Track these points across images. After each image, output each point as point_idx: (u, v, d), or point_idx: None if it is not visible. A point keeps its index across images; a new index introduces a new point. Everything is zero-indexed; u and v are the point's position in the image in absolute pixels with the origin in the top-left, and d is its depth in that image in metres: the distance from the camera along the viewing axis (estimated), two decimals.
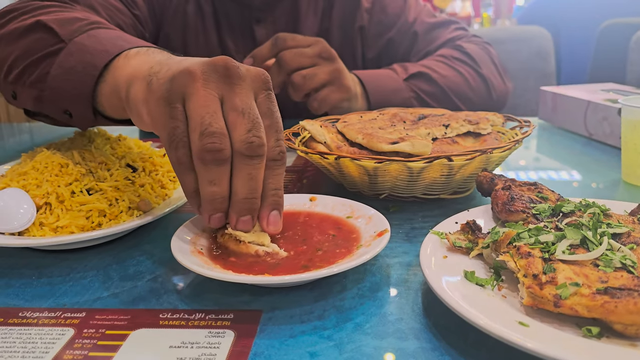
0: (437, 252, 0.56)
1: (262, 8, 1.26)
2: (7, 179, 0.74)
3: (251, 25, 1.27)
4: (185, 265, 0.52)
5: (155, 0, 1.22)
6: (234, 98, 0.53)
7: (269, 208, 0.56)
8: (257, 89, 0.56)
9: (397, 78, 1.15)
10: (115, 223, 0.67)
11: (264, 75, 0.56)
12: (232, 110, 0.53)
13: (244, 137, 0.52)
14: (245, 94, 0.54)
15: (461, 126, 0.81)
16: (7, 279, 0.61)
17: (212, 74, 0.53)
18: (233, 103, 0.53)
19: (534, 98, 1.88)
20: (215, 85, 0.53)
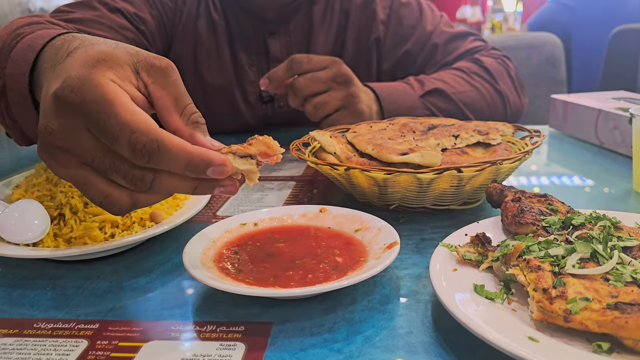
0: (447, 265, 0.56)
1: (276, 21, 1.26)
2: (22, 190, 0.76)
3: (265, 39, 1.27)
4: (197, 278, 0.53)
5: (165, 17, 1.22)
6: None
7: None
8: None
9: (413, 94, 1.13)
10: (127, 234, 0.68)
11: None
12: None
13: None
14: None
15: (471, 136, 0.81)
16: (22, 289, 0.62)
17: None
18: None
19: (544, 105, 1.87)
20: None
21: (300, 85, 0.98)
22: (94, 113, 0.46)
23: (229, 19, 1.26)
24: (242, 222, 0.68)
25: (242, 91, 1.29)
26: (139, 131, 0.46)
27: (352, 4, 1.29)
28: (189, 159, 0.47)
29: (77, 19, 1.05)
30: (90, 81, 0.47)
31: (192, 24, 1.24)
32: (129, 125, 0.46)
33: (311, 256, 0.60)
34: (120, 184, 0.50)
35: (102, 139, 0.47)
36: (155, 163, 0.47)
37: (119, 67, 0.49)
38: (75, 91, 0.47)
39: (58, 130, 0.48)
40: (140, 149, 0.46)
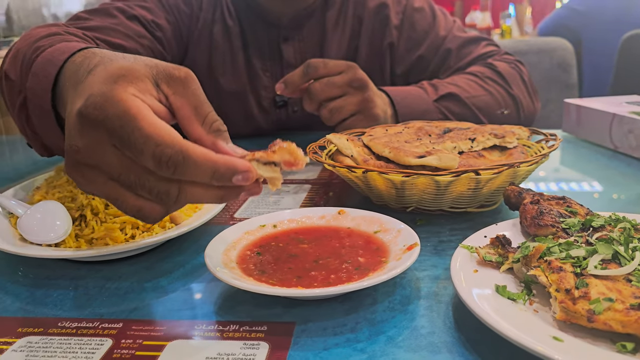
0: (467, 266, 0.56)
1: (289, 27, 1.27)
2: (43, 192, 0.77)
3: (279, 44, 1.28)
4: (221, 278, 0.54)
5: (181, 23, 1.23)
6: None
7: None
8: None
9: (427, 99, 1.14)
10: (148, 235, 0.69)
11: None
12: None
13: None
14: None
15: (487, 140, 0.82)
16: (45, 289, 0.63)
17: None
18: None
19: (556, 109, 1.87)
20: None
21: (316, 90, 0.98)
22: (117, 128, 0.47)
23: (243, 24, 1.27)
24: (261, 223, 0.69)
25: (256, 96, 1.30)
26: (164, 143, 0.46)
27: (365, 9, 1.30)
28: (215, 168, 0.48)
29: (94, 26, 1.06)
30: (112, 97, 0.47)
31: (207, 30, 1.25)
32: (153, 138, 0.46)
33: (334, 257, 0.60)
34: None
35: (127, 154, 0.48)
36: (180, 174, 0.47)
37: (139, 81, 0.50)
38: (98, 108, 0.47)
39: (84, 148, 0.49)
40: (166, 161, 0.46)
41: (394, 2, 1.31)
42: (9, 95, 0.83)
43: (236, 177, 0.48)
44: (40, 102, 0.69)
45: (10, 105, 0.84)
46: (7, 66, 0.84)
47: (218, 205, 0.75)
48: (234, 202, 0.87)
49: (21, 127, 0.82)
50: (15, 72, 0.80)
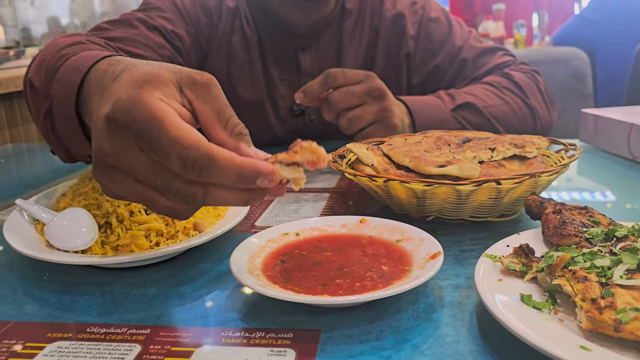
0: (491, 275, 0.57)
1: (307, 36, 1.29)
2: (68, 199, 0.78)
3: (296, 54, 1.29)
4: (248, 285, 0.54)
5: (200, 33, 1.25)
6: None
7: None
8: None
9: (444, 108, 1.14)
10: (172, 242, 0.70)
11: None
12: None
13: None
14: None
15: (507, 149, 0.82)
16: (72, 295, 0.64)
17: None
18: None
19: (571, 119, 1.87)
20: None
21: (335, 99, 0.99)
22: (144, 132, 0.48)
23: (261, 34, 1.29)
24: (284, 231, 0.69)
25: (273, 105, 1.31)
26: (190, 146, 0.47)
27: (382, 20, 1.31)
28: (239, 170, 0.48)
29: (115, 37, 1.08)
30: (139, 101, 0.48)
31: (226, 39, 1.26)
32: (179, 141, 0.47)
33: (358, 265, 0.61)
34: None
35: (154, 157, 0.49)
36: (206, 177, 0.48)
37: (164, 86, 0.51)
38: (125, 112, 0.48)
39: (112, 152, 0.50)
40: (192, 164, 0.47)
41: (411, 12, 1.32)
42: (34, 103, 0.85)
43: (260, 179, 0.49)
44: (64, 109, 0.71)
45: (35, 113, 0.86)
46: (32, 74, 0.86)
47: (240, 214, 0.76)
48: (254, 211, 0.88)
49: (45, 133, 0.83)
50: (40, 79, 0.81)
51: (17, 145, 1.69)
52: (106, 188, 0.53)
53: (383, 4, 1.32)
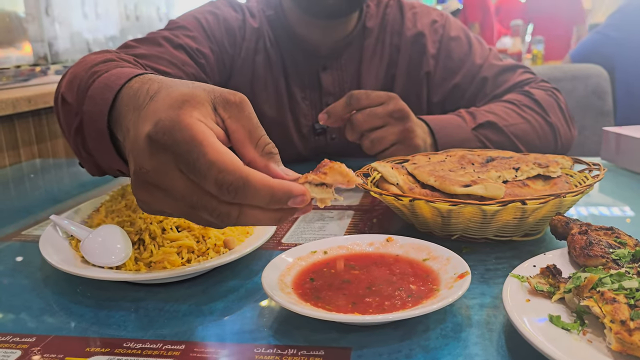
0: (519, 296, 0.58)
1: (328, 56, 1.31)
2: (102, 215, 0.80)
3: (318, 73, 1.32)
4: (281, 304, 0.56)
5: (224, 52, 1.27)
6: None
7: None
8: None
9: (465, 127, 1.15)
10: (203, 259, 0.71)
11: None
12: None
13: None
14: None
15: (531, 169, 0.83)
16: (107, 310, 0.66)
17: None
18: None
19: (591, 136, 1.87)
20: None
21: (359, 121, 1.01)
22: (184, 153, 0.50)
23: (283, 54, 1.31)
24: (312, 249, 0.71)
25: (295, 124, 1.34)
26: (226, 170, 0.49)
27: (402, 38, 1.33)
28: (272, 193, 0.51)
29: (141, 54, 1.11)
30: (179, 122, 0.51)
31: (250, 59, 1.29)
32: (216, 165, 0.49)
33: (387, 283, 0.62)
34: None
35: (192, 177, 0.51)
36: (241, 199, 0.51)
37: (201, 106, 0.53)
38: (167, 133, 0.51)
39: (152, 171, 0.52)
40: (227, 186, 0.49)
41: (431, 31, 1.34)
42: (66, 118, 0.87)
43: (292, 200, 0.51)
44: (96, 125, 0.73)
45: (66, 127, 0.88)
46: (63, 89, 0.88)
47: (269, 231, 0.78)
48: (281, 228, 0.89)
49: (76, 148, 0.86)
50: (72, 95, 0.84)
51: (45, 160, 1.73)
52: (145, 204, 0.55)
53: (403, 23, 1.34)
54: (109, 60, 0.90)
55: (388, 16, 1.35)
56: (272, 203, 0.51)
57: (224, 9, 1.31)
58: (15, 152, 1.67)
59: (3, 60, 1.85)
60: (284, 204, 0.51)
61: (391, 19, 1.35)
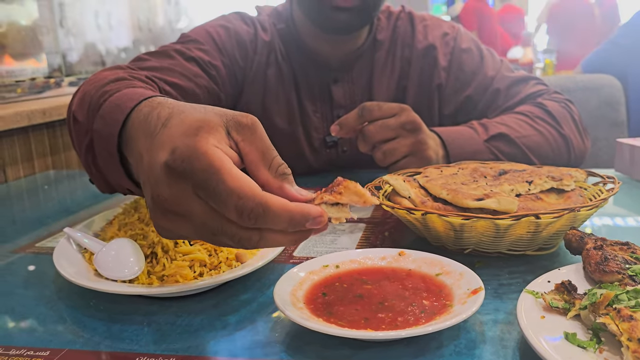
0: (533, 312, 0.57)
1: (339, 69, 1.32)
2: (115, 228, 0.81)
3: (329, 86, 1.32)
4: (293, 320, 0.56)
5: (236, 66, 1.28)
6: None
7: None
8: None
9: (477, 139, 1.15)
10: (215, 273, 0.72)
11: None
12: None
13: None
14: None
15: (544, 182, 0.82)
16: (120, 324, 0.66)
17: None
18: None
19: (604, 147, 1.85)
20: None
21: (371, 132, 1.01)
22: (202, 181, 0.50)
23: (294, 67, 1.32)
24: (324, 264, 0.71)
25: (307, 136, 1.34)
26: (245, 197, 0.49)
27: (413, 51, 1.33)
28: (291, 217, 0.51)
29: (153, 67, 1.12)
30: (196, 150, 0.51)
31: (262, 72, 1.30)
32: (235, 192, 0.49)
33: (399, 299, 0.62)
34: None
35: (211, 204, 0.51)
36: (261, 224, 0.51)
37: (215, 131, 0.53)
38: (185, 161, 0.51)
39: (170, 198, 0.52)
40: (248, 213, 0.50)
41: (442, 43, 1.34)
42: (77, 136, 0.88)
43: (310, 222, 0.52)
44: (106, 145, 0.73)
45: (77, 145, 0.90)
46: (75, 107, 0.89)
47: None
48: None
49: (86, 165, 0.87)
50: (83, 114, 0.84)
51: (59, 172, 1.75)
52: (165, 231, 0.55)
53: (414, 36, 1.34)
54: (120, 79, 0.90)
55: (399, 29, 1.36)
56: (291, 227, 0.51)
57: (235, 22, 1.32)
58: (29, 164, 1.69)
59: (18, 73, 1.88)
60: (302, 227, 0.52)
61: (402, 32, 1.35)
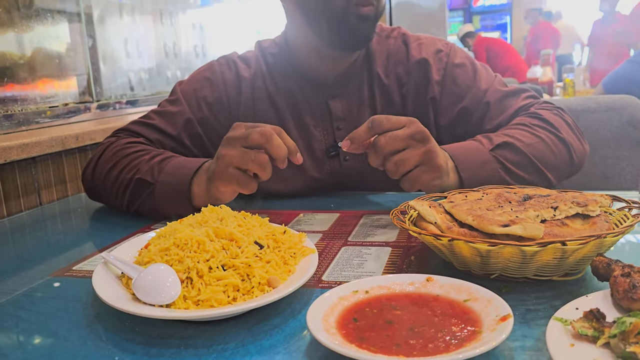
0: (563, 340, 0.58)
1: (334, 84, 1.40)
2: (152, 254, 0.84)
3: (327, 101, 1.40)
4: (327, 345, 0.58)
5: (226, 106, 1.42)
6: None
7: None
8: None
9: (483, 150, 1.18)
10: (248, 297, 0.74)
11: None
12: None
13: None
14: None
15: (570, 208, 0.83)
16: (158, 348, 0.69)
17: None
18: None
19: (627, 167, 1.85)
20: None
21: (382, 144, 1.04)
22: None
23: (291, 87, 1.40)
24: (354, 289, 0.73)
25: (309, 150, 1.40)
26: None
27: (407, 65, 1.39)
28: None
29: (156, 126, 1.42)
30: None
31: (250, 108, 1.41)
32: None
33: (429, 325, 0.63)
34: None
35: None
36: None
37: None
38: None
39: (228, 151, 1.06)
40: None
41: (435, 59, 1.39)
42: (112, 185, 1.31)
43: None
44: (178, 188, 1.18)
45: (110, 190, 1.32)
46: (107, 169, 1.31)
47: (309, 270, 0.80)
48: (320, 266, 0.91)
49: (119, 203, 1.31)
50: (149, 175, 1.23)
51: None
52: (227, 157, 1.06)
53: (408, 52, 1.40)
54: (147, 150, 1.31)
55: (392, 45, 1.42)
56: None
57: (217, 69, 1.44)
58: (62, 187, 1.75)
59: (52, 98, 1.95)
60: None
61: (395, 48, 1.41)
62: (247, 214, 0.93)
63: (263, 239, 0.84)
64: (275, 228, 0.90)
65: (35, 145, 1.56)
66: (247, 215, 0.93)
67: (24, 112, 1.81)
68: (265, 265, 0.79)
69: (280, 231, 0.89)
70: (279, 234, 0.88)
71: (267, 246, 0.83)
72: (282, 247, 0.85)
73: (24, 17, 1.84)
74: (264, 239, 0.84)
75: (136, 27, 2.46)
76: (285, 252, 0.85)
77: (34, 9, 1.88)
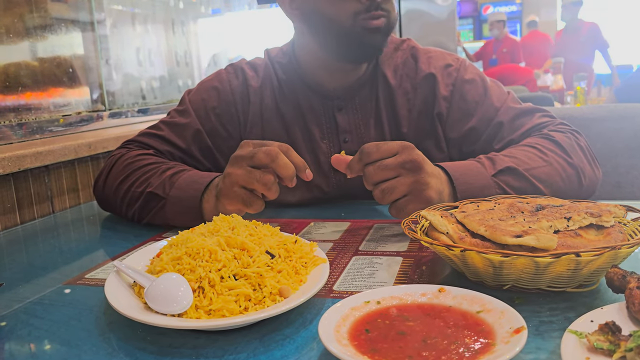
0: (578, 353, 0.58)
1: (342, 97, 1.39)
2: (164, 263, 0.84)
3: (333, 113, 1.39)
4: (339, 357, 0.57)
5: (234, 115, 1.42)
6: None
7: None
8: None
9: (485, 174, 1.15)
10: (260, 307, 0.74)
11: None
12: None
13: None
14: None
15: (583, 219, 0.83)
16: (170, 357, 0.69)
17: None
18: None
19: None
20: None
21: (370, 173, 1.04)
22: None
23: (299, 99, 1.39)
24: (365, 300, 0.72)
25: (315, 163, 1.40)
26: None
27: (415, 79, 1.38)
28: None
29: (166, 138, 1.42)
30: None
31: (258, 117, 1.41)
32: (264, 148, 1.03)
33: (442, 336, 0.63)
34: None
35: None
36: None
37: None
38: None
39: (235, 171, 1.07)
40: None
41: (443, 74, 1.37)
42: (124, 196, 1.32)
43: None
44: (189, 202, 1.20)
45: (121, 200, 1.33)
46: (119, 182, 1.33)
47: (320, 280, 0.79)
48: (332, 276, 0.91)
49: (129, 213, 1.32)
50: (160, 189, 1.23)
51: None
52: (233, 175, 1.06)
53: (417, 65, 1.39)
54: (163, 163, 1.32)
55: (401, 58, 1.41)
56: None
57: (225, 78, 1.44)
58: (75, 195, 1.76)
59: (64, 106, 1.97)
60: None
61: (404, 61, 1.40)
62: (259, 223, 0.93)
63: (274, 248, 0.84)
64: (286, 237, 0.90)
65: (49, 153, 1.57)
66: (259, 224, 0.93)
67: (37, 120, 1.83)
68: (277, 275, 0.79)
69: (292, 240, 0.89)
70: (290, 244, 0.88)
71: (278, 256, 0.83)
72: (293, 256, 0.85)
73: (38, 26, 1.87)
74: (276, 248, 0.85)
75: (148, 36, 2.48)
76: (296, 261, 0.85)
77: (48, 19, 1.91)
